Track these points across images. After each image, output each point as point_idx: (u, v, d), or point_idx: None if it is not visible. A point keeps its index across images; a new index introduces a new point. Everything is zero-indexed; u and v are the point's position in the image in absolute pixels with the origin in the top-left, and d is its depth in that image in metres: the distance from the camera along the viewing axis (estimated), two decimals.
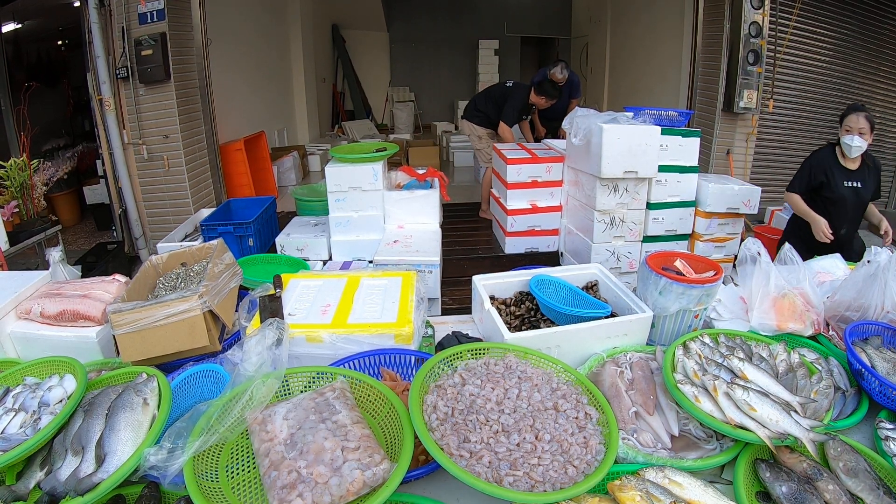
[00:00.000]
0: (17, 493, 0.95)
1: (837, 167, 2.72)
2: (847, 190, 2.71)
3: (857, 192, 2.70)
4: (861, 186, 2.69)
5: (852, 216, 2.78)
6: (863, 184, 2.69)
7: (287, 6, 7.04)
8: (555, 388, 1.17)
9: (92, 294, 1.51)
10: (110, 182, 4.14)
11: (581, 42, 8.95)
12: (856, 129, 2.56)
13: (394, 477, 0.88)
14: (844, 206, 2.73)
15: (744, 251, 1.63)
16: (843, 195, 2.71)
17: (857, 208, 2.74)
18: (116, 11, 3.78)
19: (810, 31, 4.99)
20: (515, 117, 4.45)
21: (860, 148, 2.58)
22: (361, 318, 1.39)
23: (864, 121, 2.54)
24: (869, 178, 2.69)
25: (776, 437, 1.03)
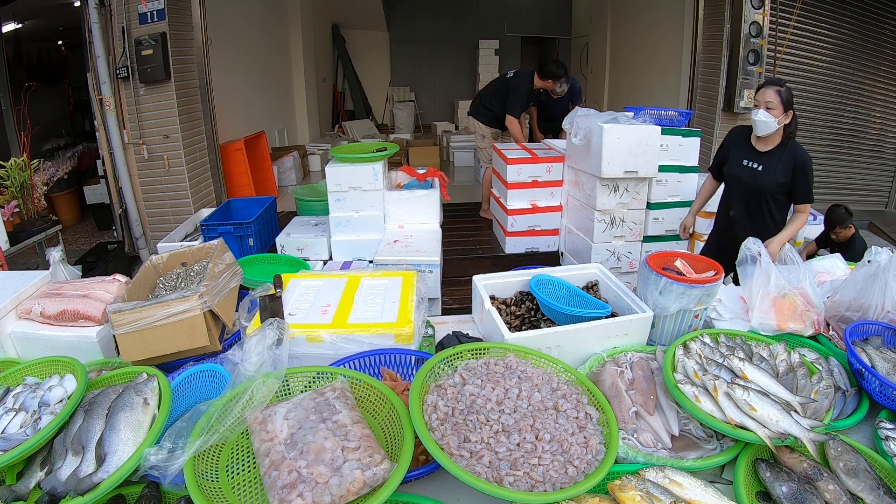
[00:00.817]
0: (18, 493, 0.95)
1: (744, 145, 2.47)
2: (743, 169, 2.46)
3: (755, 174, 2.41)
4: (761, 169, 2.39)
5: (745, 199, 2.48)
6: (765, 168, 2.38)
7: (287, 6, 7.04)
8: (555, 387, 1.17)
9: (92, 294, 1.51)
10: (110, 182, 4.14)
11: (581, 42, 8.95)
12: (762, 102, 2.26)
13: (394, 477, 0.88)
14: (737, 186, 2.50)
15: (744, 251, 1.63)
16: (736, 174, 2.48)
17: (753, 192, 2.43)
18: (117, 11, 3.78)
19: (810, 31, 4.99)
20: (520, 108, 4.35)
21: (766, 124, 2.26)
22: (361, 318, 1.39)
23: (772, 94, 2.24)
24: (777, 166, 2.35)
25: (776, 437, 1.03)
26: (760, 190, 2.41)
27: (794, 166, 2.31)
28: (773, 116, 2.24)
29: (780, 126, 2.27)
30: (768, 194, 2.40)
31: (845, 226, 3.68)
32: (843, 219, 3.69)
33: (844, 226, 3.68)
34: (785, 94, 2.23)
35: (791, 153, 2.33)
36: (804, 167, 2.31)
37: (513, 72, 4.47)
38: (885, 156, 5.81)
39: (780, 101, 2.22)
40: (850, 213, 3.71)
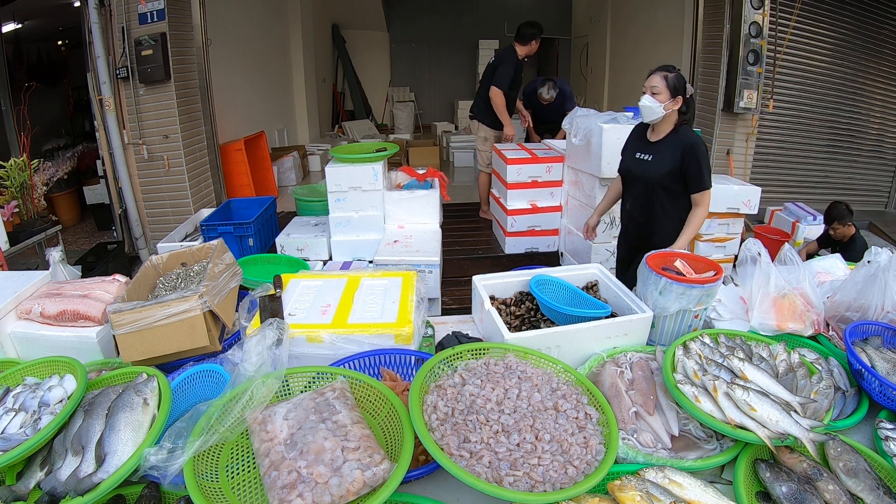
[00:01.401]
0: (17, 493, 0.95)
1: (640, 138, 2.34)
2: (634, 162, 2.32)
3: (645, 165, 2.26)
4: (650, 160, 2.24)
5: (638, 193, 2.34)
6: (654, 157, 2.24)
7: (287, 6, 7.04)
8: (555, 388, 1.17)
9: (92, 294, 1.51)
10: (110, 182, 4.14)
11: (581, 42, 8.95)
12: (648, 88, 2.14)
13: (394, 477, 0.88)
14: (630, 181, 2.37)
15: (744, 251, 1.63)
16: (628, 168, 2.36)
17: (643, 185, 2.29)
18: (116, 11, 3.78)
19: (810, 31, 4.99)
20: (507, 81, 4.24)
21: (650, 109, 2.13)
22: (361, 318, 1.39)
23: (657, 80, 2.12)
24: (666, 154, 2.19)
25: (776, 437, 1.03)
26: (650, 181, 2.26)
27: (682, 152, 2.15)
28: (658, 102, 2.12)
29: (667, 112, 2.15)
30: (657, 185, 2.24)
31: (845, 222, 3.68)
32: (842, 215, 3.70)
33: (844, 222, 3.69)
34: (673, 79, 2.12)
35: (681, 139, 2.18)
36: (692, 151, 2.14)
37: (494, 55, 4.51)
38: (884, 156, 5.81)
39: (665, 86, 2.11)
40: (851, 211, 3.71)
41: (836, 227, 3.72)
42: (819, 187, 5.52)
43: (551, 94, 4.60)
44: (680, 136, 2.19)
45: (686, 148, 2.15)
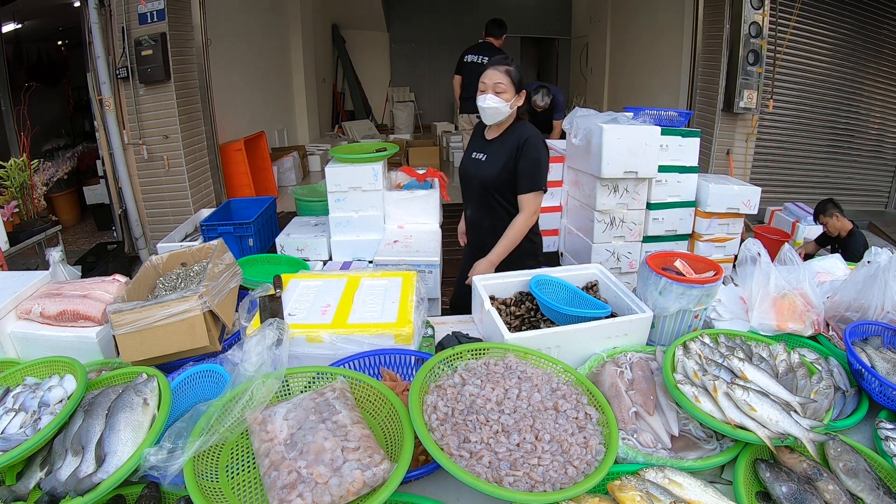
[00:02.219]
0: (17, 493, 0.95)
1: (479, 135, 2.15)
2: (470, 163, 2.12)
3: (479, 165, 2.06)
4: (484, 160, 2.05)
5: (476, 195, 2.12)
6: (488, 157, 2.04)
7: (287, 6, 7.04)
8: (555, 388, 1.17)
9: (92, 294, 1.51)
10: (110, 182, 4.14)
11: (581, 42, 8.95)
12: (490, 86, 1.92)
13: (394, 477, 0.88)
14: (467, 182, 2.16)
15: (744, 251, 1.63)
16: (464, 168, 2.16)
17: (480, 186, 2.07)
18: (116, 11, 3.78)
19: (810, 31, 4.99)
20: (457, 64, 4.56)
21: (496, 110, 1.93)
22: (361, 318, 1.39)
23: (501, 76, 1.91)
24: (501, 152, 1.99)
25: (776, 437, 1.03)
26: (485, 182, 2.05)
27: (516, 148, 1.95)
28: (505, 101, 1.91)
29: (512, 110, 1.96)
30: (492, 186, 2.03)
31: (829, 213, 3.71)
32: (823, 207, 3.75)
33: (828, 214, 3.72)
34: (515, 73, 1.93)
35: (516, 135, 1.97)
36: (525, 147, 1.93)
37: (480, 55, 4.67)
38: (884, 156, 5.81)
39: (510, 83, 1.91)
40: (836, 204, 3.74)
41: (825, 221, 3.75)
42: (819, 187, 5.52)
43: (545, 102, 4.74)
44: (516, 132, 1.98)
45: (519, 144, 1.93)
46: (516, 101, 1.95)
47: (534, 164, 1.92)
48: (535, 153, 1.92)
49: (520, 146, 1.93)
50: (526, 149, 1.92)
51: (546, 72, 11.33)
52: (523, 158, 1.93)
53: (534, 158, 1.92)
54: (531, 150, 1.92)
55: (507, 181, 1.99)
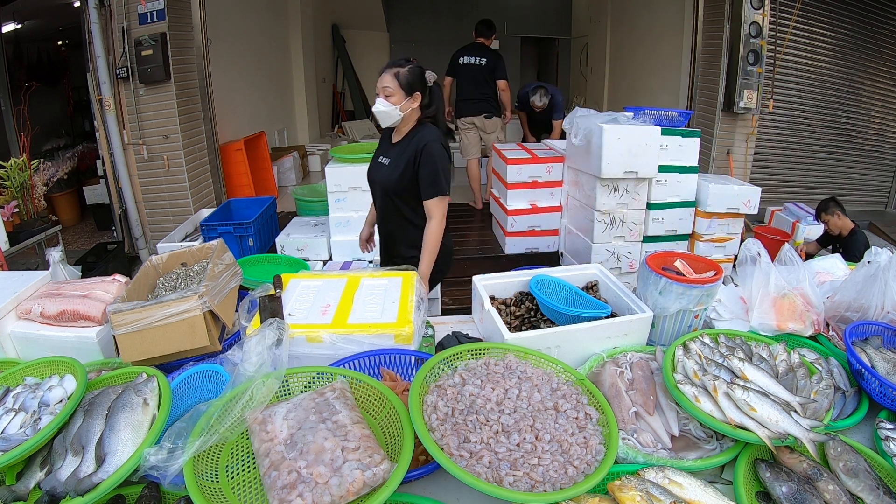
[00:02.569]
0: (17, 493, 0.95)
1: (386, 137, 2.10)
2: (375, 167, 2.08)
3: (381, 170, 2.04)
4: (387, 164, 2.02)
5: (380, 201, 2.10)
6: (391, 161, 2.00)
7: (287, 6, 7.04)
8: (555, 388, 1.17)
9: (92, 294, 1.51)
10: (110, 182, 4.14)
11: (581, 42, 8.95)
12: (380, 89, 1.90)
13: (394, 477, 0.88)
14: (372, 188, 2.12)
15: (744, 251, 1.63)
16: (369, 172, 2.11)
17: (383, 192, 2.06)
18: (116, 11, 3.78)
19: (810, 31, 4.99)
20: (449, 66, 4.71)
21: (385, 114, 1.91)
22: (361, 318, 1.39)
23: (388, 79, 1.88)
24: (402, 157, 1.95)
25: (776, 437, 1.03)
26: (385, 187, 2.02)
27: (414, 153, 1.91)
28: (393, 104, 1.89)
29: (405, 113, 1.92)
30: (392, 191, 2.00)
31: (830, 212, 3.72)
32: (825, 206, 3.75)
33: (830, 212, 3.72)
34: (406, 75, 1.88)
35: (416, 140, 1.93)
36: (423, 154, 1.89)
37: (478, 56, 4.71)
38: (884, 156, 5.81)
39: (398, 86, 1.87)
40: (838, 203, 3.75)
41: (827, 220, 3.75)
42: (819, 187, 5.52)
43: (543, 102, 4.85)
44: (416, 137, 1.95)
45: (418, 150, 1.91)
46: (409, 103, 1.91)
47: (432, 171, 1.90)
48: (432, 159, 1.90)
49: (418, 152, 1.91)
50: (424, 155, 1.90)
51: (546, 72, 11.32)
52: (422, 166, 1.91)
53: (432, 165, 1.90)
54: (428, 156, 1.89)
55: (407, 187, 1.97)
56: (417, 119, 1.99)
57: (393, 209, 2.05)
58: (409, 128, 1.99)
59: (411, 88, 1.90)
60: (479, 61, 4.59)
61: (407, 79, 1.88)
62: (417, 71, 1.92)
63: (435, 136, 1.93)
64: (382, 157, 2.06)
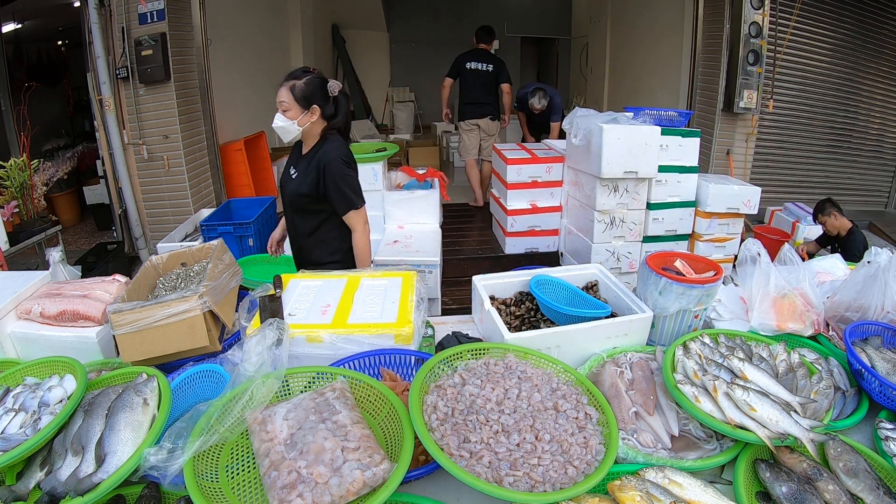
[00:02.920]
0: (17, 493, 0.95)
1: (297, 149, 2.08)
2: (285, 178, 2.05)
3: (289, 183, 2.01)
4: (294, 176, 1.99)
5: (287, 211, 2.08)
6: (298, 174, 1.97)
7: (287, 6, 7.04)
8: (555, 388, 1.17)
9: (92, 294, 1.51)
10: (110, 182, 4.14)
11: (581, 42, 8.95)
12: (278, 104, 1.88)
13: (394, 477, 0.88)
14: (281, 196, 2.09)
15: (744, 251, 1.63)
16: (281, 181, 2.09)
17: (289, 202, 2.03)
18: (116, 11, 3.78)
19: (810, 31, 4.99)
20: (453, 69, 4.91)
21: (283, 129, 1.90)
22: (361, 318, 1.39)
23: (284, 93, 1.85)
24: (308, 171, 1.92)
25: (776, 437, 1.03)
26: (292, 199, 2.00)
27: (317, 171, 1.89)
28: (289, 119, 1.87)
29: (303, 127, 1.90)
30: (297, 204, 1.99)
31: (827, 213, 3.73)
32: (822, 207, 3.76)
33: (826, 213, 3.73)
34: (301, 88, 1.84)
35: (320, 155, 1.90)
36: (326, 173, 1.87)
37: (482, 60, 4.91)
38: (884, 156, 5.81)
39: (293, 100, 1.84)
40: (834, 203, 3.75)
41: (824, 221, 3.76)
42: (819, 187, 5.52)
43: (542, 104, 4.95)
44: (320, 152, 1.90)
45: (321, 167, 1.88)
46: (307, 117, 1.88)
47: (339, 189, 1.90)
48: (334, 178, 1.89)
49: (320, 171, 1.89)
50: (327, 175, 1.88)
51: (546, 72, 11.33)
52: (328, 186, 1.90)
53: (335, 184, 1.89)
54: (330, 175, 1.88)
55: (311, 202, 1.96)
56: (322, 130, 1.95)
57: (300, 221, 2.04)
58: (315, 141, 1.96)
59: (308, 102, 1.86)
60: (486, 67, 4.81)
61: (303, 92, 1.84)
62: (315, 82, 1.87)
63: (335, 154, 1.89)
64: (293, 167, 2.03)
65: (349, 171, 1.92)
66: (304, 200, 1.96)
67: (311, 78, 1.87)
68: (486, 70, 4.81)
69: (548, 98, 4.87)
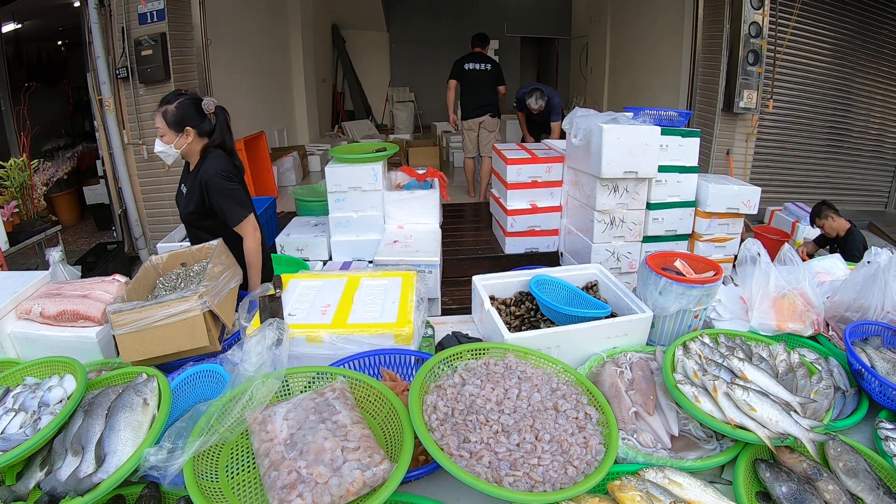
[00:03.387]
0: (17, 493, 0.95)
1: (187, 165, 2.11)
2: (178, 194, 2.11)
3: (181, 197, 2.07)
4: (184, 192, 2.05)
5: (186, 228, 2.14)
6: (188, 191, 2.02)
7: (287, 6, 7.04)
8: (555, 388, 1.17)
9: (92, 294, 1.51)
10: (110, 182, 4.14)
11: (581, 42, 8.95)
12: (157, 130, 1.94)
13: (394, 477, 0.88)
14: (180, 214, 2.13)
15: (744, 251, 1.63)
16: (177, 199, 2.12)
17: (185, 222, 2.09)
18: (116, 11, 3.79)
19: (810, 31, 4.99)
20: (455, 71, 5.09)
21: (165, 154, 1.94)
22: (361, 318, 1.39)
23: (159, 120, 1.91)
24: (192, 188, 1.98)
25: (776, 437, 1.03)
26: (184, 218, 2.06)
27: (199, 188, 1.94)
28: (166, 144, 1.92)
29: (181, 150, 1.94)
30: (187, 220, 2.05)
31: (824, 216, 3.73)
32: (818, 211, 3.77)
33: (823, 216, 3.73)
34: (173, 113, 1.89)
35: (201, 173, 1.94)
36: (208, 190, 1.92)
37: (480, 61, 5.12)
38: (884, 156, 5.81)
39: (165, 125, 1.89)
40: (829, 205, 3.75)
41: (822, 224, 3.76)
42: (819, 187, 5.52)
43: (539, 105, 4.98)
44: (201, 170, 1.95)
45: (202, 185, 1.93)
46: (182, 140, 1.93)
47: (221, 205, 1.94)
48: (215, 193, 1.93)
49: (203, 189, 1.94)
50: (209, 192, 1.93)
51: (546, 72, 11.33)
52: (213, 201, 1.95)
53: (220, 198, 1.93)
54: (212, 192, 1.93)
55: (199, 218, 2.02)
56: (202, 148, 1.99)
57: (194, 235, 2.10)
58: (196, 159, 2.00)
59: (180, 125, 1.91)
60: (484, 67, 5.02)
61: (174, 116, 1.90)
62: (187, 104, 1.92)
63: (213, 170, 1.93)
64: (183, 184, 2.09)
65: (230, 184, 1.96)
66: (194, 217, 2.02)
67: (183, 101, 1.92)
68: (485, 69, 5.00)
69: (545, 98, 4.88)
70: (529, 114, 5.11)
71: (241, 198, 1.99)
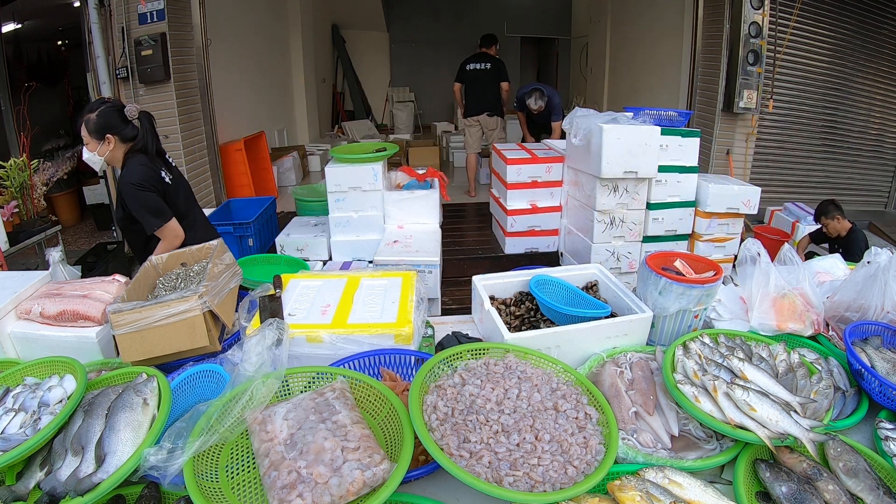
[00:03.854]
0: (17, 493, 0.95)
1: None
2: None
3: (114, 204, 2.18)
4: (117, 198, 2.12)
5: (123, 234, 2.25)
6: (116, 196, 2.10)
7: (287, 6, 7.04)
8: (555, 388, 1.17)
9: (92, 294, 1.51)
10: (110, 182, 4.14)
11: (581, 42, 8.95)
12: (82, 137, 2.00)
13: (394, 477, 0.88)
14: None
15: (744, 251, 1.63)
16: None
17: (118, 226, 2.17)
18: (116, 11, 3.78)
19: (810, 31, 4.99)
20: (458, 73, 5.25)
21: (91, 162, 2.00)
22: (361, 318, 1.39)
23: (83, 129, 1.95)
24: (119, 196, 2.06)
25: (776, 437, 1.03)
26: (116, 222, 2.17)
27: (119, 193, 2.02)
28: (90, 152, 1.97)
29: (104, 157, 1.98)
30: (121, 227, 2.11)
31: (830, 216, 3.73)
32: (825, 210, 3.76)
33: (830, 216, 3.73)
34: (94, 122, 1.92)
35: (119, 178, 2.00)
36: (123, 197, 1.97)
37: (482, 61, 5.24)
38: (884, 156, 5.81)
39: (87, 134, 1.94)
40: (837, 206, 3.75)
41: (826, 223, 3.76)
42: (819, 187, 5.52)
43: (539, 105, 4.99)
44: (119, 176, 2.00)
45: (119, 192, 1.99)
46: (105, 147, 1.96)
47: (137, 212, 1.97)
48: (129, 202, 1.97)
49: (119, 195, 1.99)
50: (125, 199, 1.97)
51: (546, 72, 11.33)
52: (130, 209, 1.98)
53: (134, 207, 1.97)
54: (128, 199, 1.97)
55: (127, 221, 2.05)
56: (126, 153, 2.01)
57: (129, 239, 2.17)
58: (121, 165, 2.03)
59: (101, 133, 1.94)
60: (484, 66, 5.12)
61: (95, 124, 1.93)
62: (108, 112, 1.95)
63: (126, 178, 1.96)
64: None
65: (141, 192, 1.97)
66: (125, 222, 2.07)
67: (104, 109, 1.95)
68: (485, 68, 5.10)
69: (545, 98, 4.88)
70: (529, 114, 5.11)
71: (155, 206, 1.99)
